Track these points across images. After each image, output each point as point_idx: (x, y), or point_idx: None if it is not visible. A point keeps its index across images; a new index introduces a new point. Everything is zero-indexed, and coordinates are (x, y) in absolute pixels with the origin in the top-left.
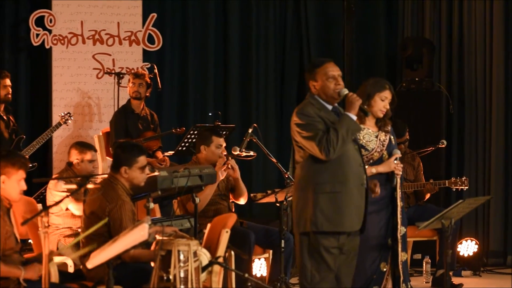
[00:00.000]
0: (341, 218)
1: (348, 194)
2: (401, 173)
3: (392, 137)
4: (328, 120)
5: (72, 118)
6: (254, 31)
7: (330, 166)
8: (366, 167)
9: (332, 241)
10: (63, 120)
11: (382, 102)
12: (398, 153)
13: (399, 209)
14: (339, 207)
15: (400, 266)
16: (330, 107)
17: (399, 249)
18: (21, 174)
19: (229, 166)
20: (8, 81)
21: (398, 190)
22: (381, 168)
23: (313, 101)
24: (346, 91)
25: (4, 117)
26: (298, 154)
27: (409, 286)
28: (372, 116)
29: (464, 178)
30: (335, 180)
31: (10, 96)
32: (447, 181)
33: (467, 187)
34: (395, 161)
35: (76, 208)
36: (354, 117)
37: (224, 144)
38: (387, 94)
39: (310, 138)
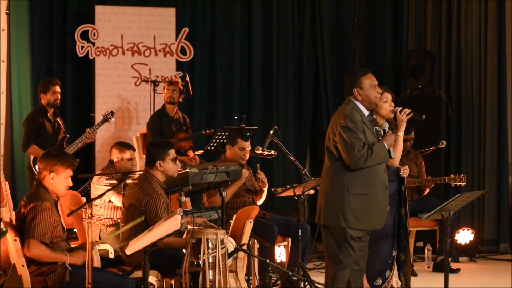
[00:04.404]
0: (368, 217)
1: (375, 197)
2: (407, 174)
3: None
4: (367, 127)
5: (114, 115)
6: (275, 45)
7: (362, 170)
8: (390, 134)
9: (357, 233)
10: (106, 116)
11: (386, 103)
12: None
13: (407, 202)
14: (367, 208)
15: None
16: (367, 113)
17: (409, 236)
18: (69, 172)
19: (261, 180)
20: (58, 88)
21: (405, 185)
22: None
23: (355, 106)
24: (387, 126)
25: (52, 120)
26: (331, 155)
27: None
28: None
29: (462, 175)
30: (365, 184)
31: (58, 101)
32: (446, 177)
33: (464, 183)
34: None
35: (118, 200)
36: (386, 147)
37: (248, 148)
38: (385, 96)
39: (351, 144)
